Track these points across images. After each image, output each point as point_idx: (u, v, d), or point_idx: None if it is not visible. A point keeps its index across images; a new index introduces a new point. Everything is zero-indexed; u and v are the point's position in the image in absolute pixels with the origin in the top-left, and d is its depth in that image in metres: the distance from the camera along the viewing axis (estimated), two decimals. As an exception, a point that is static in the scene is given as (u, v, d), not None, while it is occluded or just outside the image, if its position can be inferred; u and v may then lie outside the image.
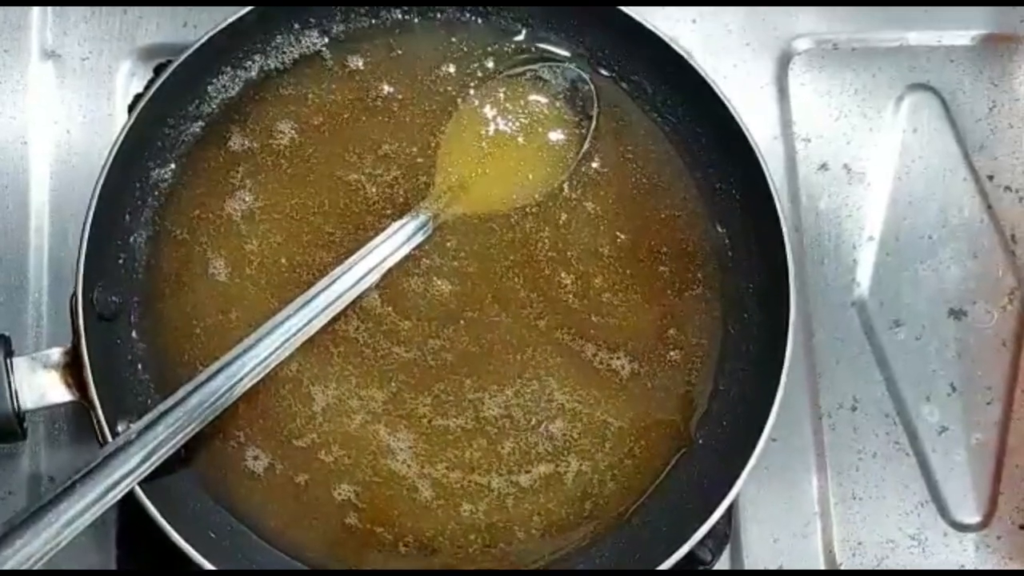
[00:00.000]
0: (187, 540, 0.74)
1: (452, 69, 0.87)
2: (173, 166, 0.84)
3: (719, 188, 0.86)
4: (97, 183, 0.78)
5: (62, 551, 0.85)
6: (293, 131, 0.86)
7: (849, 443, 0.91)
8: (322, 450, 0.80)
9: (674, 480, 0.82)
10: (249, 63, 0.86)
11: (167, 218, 0.84)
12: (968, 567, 0.89)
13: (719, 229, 0.85)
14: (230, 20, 0.82)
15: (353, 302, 0.80)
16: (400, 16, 0.88)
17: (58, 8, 0.95)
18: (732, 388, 0.83)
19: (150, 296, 0.82)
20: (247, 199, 0.84)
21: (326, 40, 0.87)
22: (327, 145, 0.85)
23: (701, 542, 0.77)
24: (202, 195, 0.84)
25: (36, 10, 0.95)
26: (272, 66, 0.86)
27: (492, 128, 0.86)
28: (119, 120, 0.92)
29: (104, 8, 0.95)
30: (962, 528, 0.90)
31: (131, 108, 0.91)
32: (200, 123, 0.85)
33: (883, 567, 0.89)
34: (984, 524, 0.90)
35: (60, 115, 0.93)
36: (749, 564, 0.89)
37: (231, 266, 0.83)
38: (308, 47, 0.87)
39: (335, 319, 0.80)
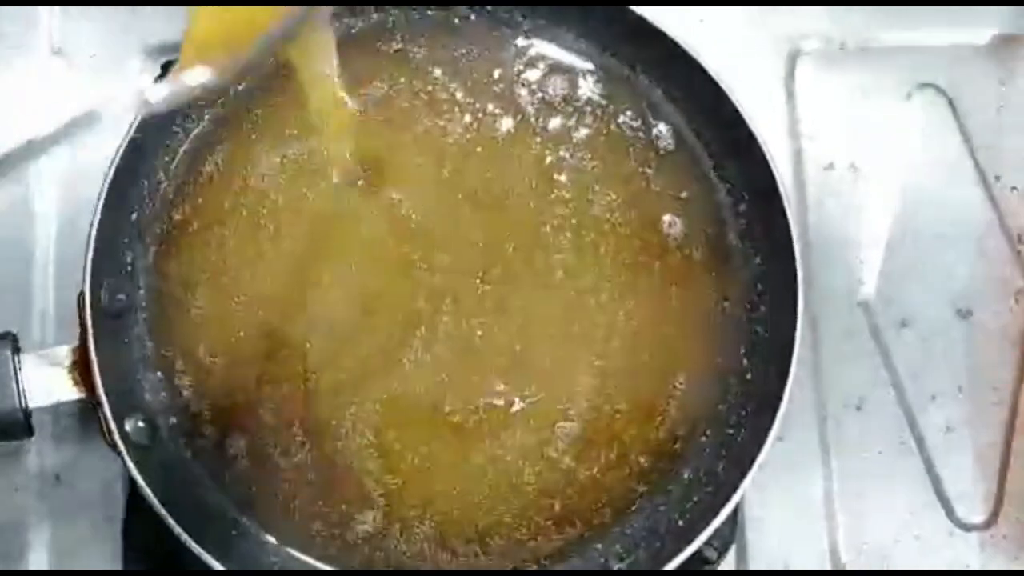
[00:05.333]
0: (195, 539, 0.74)
1: (455, 73, 0.87)
2: (181, 164, 0.84)
3: (726, 186, 0.86)
4: (105, 180, 0.77)
5: (69, 550, 0.86)
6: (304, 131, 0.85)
7: (855, 443, 0.91)
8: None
9: (681, 479, 0.82)
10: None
11: (175, 216, 0.83)
12: (973, 566, 0.90)
13: (725, 228, 0.85)
14: (239, 18, 0.82)
15: None
16: (410, 15, 0.87)
17: (66, 6, 0.95)
18: (739, 387, 0.83)
19: (157, 294, 0.82)
20: (256, 197, 0.84)
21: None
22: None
23: (707, 541, 0.76)
24: (211, 193, 0.84)
25: (44, 7, 0.95)
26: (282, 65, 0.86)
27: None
28: (127, 117, 0.92)
29: (112, 6, 0.95)
30: (967, 527, 0.90)
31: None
32: (208, 121, 0.85)
33: (888, 566, 0.89)
34: (989, 524, 0.90)
35: (67, 112, 0.93)
36: (754, 563, 0.89)
37: (239, 264, 0.83)
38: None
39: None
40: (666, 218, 0.85)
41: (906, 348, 0.92)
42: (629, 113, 0.87)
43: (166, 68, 0.91)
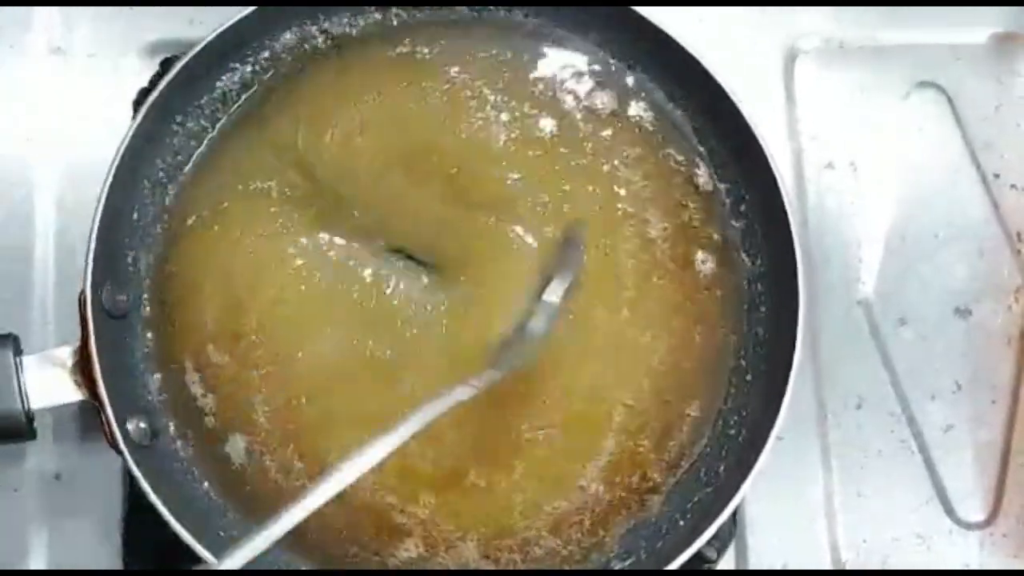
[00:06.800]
0: (195, 539, 0.74)
1: (465, 74, 0.86)
2: (182, 163, 0.84)
3: (727, 186, 0.86)
4: (106, 180, 0.77)
5: (69, 550, 0.86)
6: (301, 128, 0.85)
7: (854, 441, 0.91)
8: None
9: (682, 479, 0.82)
10: (257, 60, 0.86)
11: (176, 216, 0.83)
12: (973, 565, 0.90)
13: (726, 227, 0.85)
14: (239, 17, 0.82)
15: None
16: (407, 15, 0.87)
17: (65, 5, 0.95)
18: (740, 386, 0.83)
19: (159, 294, 0.82)
20: (260, 197, 0.83)
21: (333, 39, 0.87)
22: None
23: (707, 541, 0.77)
24: (212, 192, 0.83)
25: (43, 7, 0.95)
26: (281, 63, 0.86)
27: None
28: (125, 116, 0.92)
29: (110, 5, 0.95)
30: (967, 526, 0.90)
31: (136, 103, 0.92)
32: (208, 120, 0.85)
33: (888, 565, 0.89)
34: (989, 522, 0.90)
35: (66, 112, 0.93)
36: (754, 562, 0.89)
37: (243, 265, 0.82)
38: (316, 45, 0.86)
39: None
40: (700, 255, 0.84)
41: (905, 347, 0.92)
42: (625, 111, 0.86)
43: (165, 66, 0.91)
